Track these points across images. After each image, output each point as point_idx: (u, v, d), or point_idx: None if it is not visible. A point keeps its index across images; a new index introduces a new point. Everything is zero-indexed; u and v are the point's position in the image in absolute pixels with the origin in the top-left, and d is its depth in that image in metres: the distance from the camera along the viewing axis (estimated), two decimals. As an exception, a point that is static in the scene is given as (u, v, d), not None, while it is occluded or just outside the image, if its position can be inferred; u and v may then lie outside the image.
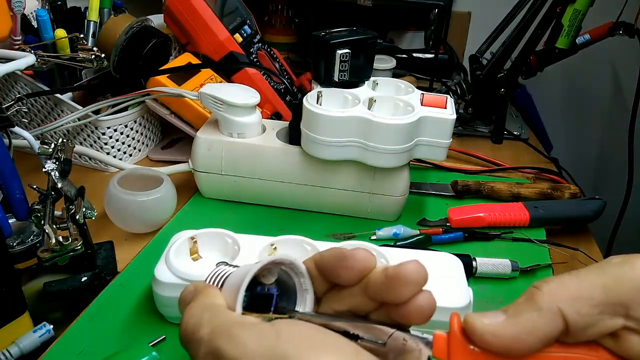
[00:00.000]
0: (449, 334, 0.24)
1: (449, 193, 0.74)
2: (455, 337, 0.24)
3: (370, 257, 0.27)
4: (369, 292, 0.27)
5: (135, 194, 0.59)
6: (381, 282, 0.26)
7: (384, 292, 0.26)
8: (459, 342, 0.24)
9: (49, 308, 0.52)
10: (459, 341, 0.24)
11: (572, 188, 0.73)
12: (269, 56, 0.87)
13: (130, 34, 0.74)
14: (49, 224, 0.49)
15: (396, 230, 0.63)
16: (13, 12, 0.69)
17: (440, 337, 0.25)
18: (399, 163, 0.61)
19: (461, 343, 0.24)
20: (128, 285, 0.53)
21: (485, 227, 0.65)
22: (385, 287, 0.25)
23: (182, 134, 0.78)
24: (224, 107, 0.64)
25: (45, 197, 0.51)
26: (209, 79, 0.78)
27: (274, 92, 0.83)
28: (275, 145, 0.65)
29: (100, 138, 0.76)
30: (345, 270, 0.27)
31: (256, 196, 0.68)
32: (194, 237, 0.50)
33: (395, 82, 0.69)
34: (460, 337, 0.24)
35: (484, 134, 0.98)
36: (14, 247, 0.57)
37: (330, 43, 0.63)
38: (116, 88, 0.79)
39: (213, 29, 0.79)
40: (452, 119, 0.61)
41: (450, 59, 1.20)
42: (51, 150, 0.53)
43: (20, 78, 0.75)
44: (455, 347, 0.24)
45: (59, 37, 0.74)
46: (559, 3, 0.86)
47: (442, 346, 0.24)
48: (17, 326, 0.45)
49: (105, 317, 0.49)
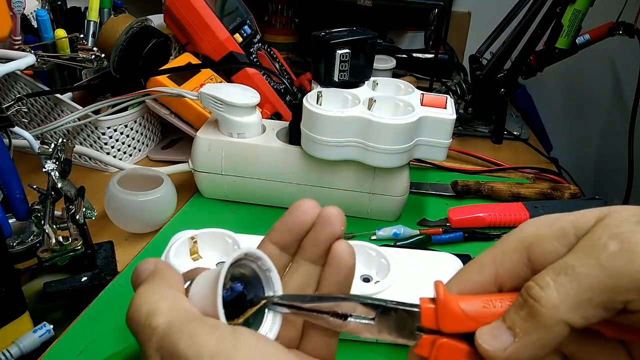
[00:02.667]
0: (436, 303, 0.25)
1: (449, 193, 0.74)
2: (442, 305, 0.25)
3: (314, 203, 0.30)
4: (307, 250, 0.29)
5: (135, 194, 0.59)
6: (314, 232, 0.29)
7: (312, 236, 0.29)
8: (446, 310, 0.25)
9: (49, 308, 0.52)
10: (446, 309, 0.25)
11: (572, 188, 0.73)
12: (269, 56, 0.87)
13: (131, 34, 0.74)
14: (49, 224, 0.49)
15: (396, 230, 0.63)
16: (13, 12, 0.69)
17: (428, 309, 0.25)
18: (399, 163, 0.61)
19: (448, 311, 0.25)
20: (128, 285, 0.53)
21: (485, 228, 0.65)
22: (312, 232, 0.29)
23: (182, 134, 0.78)
24: (224, 107, 0.64)
25: (45, 197, 0.51)
26: (208, 79, 0.78)
27: (274, 92, 0.83)
28: (275, 145, 0.65)
29: (100, 138, 0.76)
30: (298, 220, 0.30)
31: (256, 196, 0.68)
32: (194, 237, 0.50)
33: (395, 82, 0.69)
34: (446, 304, 0.25)
35: (483, 134, 0.98)
36: (14, 247, 0.56)
37: (330, 43, 0.63)
38: (116, 88, 0.79)
39: (213, 29, 0.79)
40: (452, 119, 0.61)
41: (450, 59, 1.20)
42: (51, 150, 0.53)
43: (20, 78, 0.75)
44: (443, 314, 0.25)
45: (59, 37, 0.74)
46: (559, 3, 0.86)
47: (430, 315, 0.25)
48: (17, 326, 0.45)
49: (105, 318, 0.49)
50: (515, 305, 0.24)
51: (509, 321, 0.24)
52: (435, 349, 0.25)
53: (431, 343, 0.25)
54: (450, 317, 0.25)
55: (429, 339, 0.25)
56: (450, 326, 0.25)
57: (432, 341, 0.25)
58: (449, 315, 0.25)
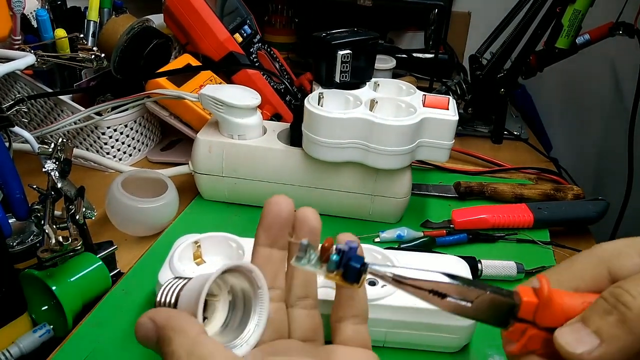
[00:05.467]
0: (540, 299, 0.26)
1: (452, 194, 0.74)
2: (545, 302, 0.26)
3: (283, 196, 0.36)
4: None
5: (138, 200, 0.58)
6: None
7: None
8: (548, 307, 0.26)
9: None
10: (548, 306, 0.26)
11: (575, 189, 0.72)
12: (269, 56, 0.87)
13: (132, 35, 0.74)
14: (49, 224, 0.49)
15: (400, 232, 0.63)
16: (13, 12, 0.69)
17: (529, 303, 0.26)
18: (401, 165, 0.61)
19: (550, 308, 0.26)
20: (131, 290, 0.53)
21: (489, 229, 0.65)
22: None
23: (181, 135, 0.78)
24: (224, 109, 0.64)
25: (45, 197, 0.51)
26: (208, 79, 0.78)
27: (274, 93, 0.83)
28: (277, 147, 0.65)
29: (100, 138, 0.75)
30: (275, 214, 0.36)
31: (257, 198, 0.68)
32: (198, 241, 0.50)
33: (397, 83, 0.69)
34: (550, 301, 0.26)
35: (483, 134, 0.98)
36: (14, 247, 0.56)
37: (331, 44, 0.62)
38: (116, 88, 0.78)
39: (213, 29, 0.79)
40: (455, 120, 0.61)
41: (450, 59, 1.20)
42: (51, 150, 0.53)
43: (20, 78, 0.75)
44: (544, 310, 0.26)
45: (59, 37, 0.74)
46: (559, 3, 0.86)
47: (530, 308, 0.26)
48: (17, 326, 0.45)
49: (109, 323, 0.48)
50: (600, 311, 0.25)
51: (593, 326, 0.25)
52: (525, 337, 0.27)
53: (522, 331, 0.27)
54: (550, 315, 0.26)
55: (521, 327, 0.27)
56: (547, 322, 0.26)
57: (523, 329, 0.27)
58: (550, 312, 0.26)
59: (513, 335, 0.27)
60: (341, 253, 0.30)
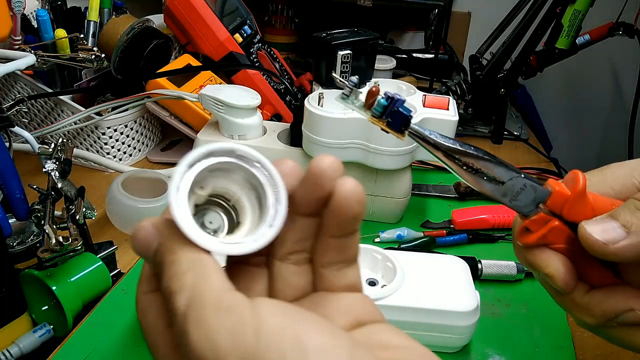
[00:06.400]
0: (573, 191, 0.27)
1: (452, 195, 0.74)
2: (578, 195, 0.26)
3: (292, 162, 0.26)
4: (300, 207, 0.25)
5: (139, 200, 0.58)
6: (304, 187, 0.25)
7: (310, 192, 0.24)
8: (580, 201, 0.27)
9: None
10: (580, 200, 0.27)
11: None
12: (269, 56, 0.87)
13: (132, 35, 0.74)
14: (49, 224, 0.49)
15: (400, 232, 0.63)
16: (13, 12, 0.69)
17: (560, 193, 0.27)
18: (401, 165, 0.61)
19: (582, 202, 0.27)
20: (131, 290, 0.53)
21: (489, 229, 0.65)
22: (308, 188, 0.24)
23: (181, 135, 0.78)
24: (224, 109, 0.64)
25: (45, 197, 0.51)
26: (208, 79, 0.78)
27: (274, 93, 0.83)
28: (277, 147, 0.65)
29: (100, 138, 0.75)
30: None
31: (257, 197, 0.68)
32: None
33: (397, 83, 0.69)
34: (582, 195, 0.27)
35: (483, 134, 0.98)
36: (14, 247, 0.56)
37: (331, 44, 0.62)
38: (116, 88, 0.78)
39: (213, 29, 0.79)
40: (455, 120, 0.61)
41: (450, 59, 1.20)
42: (51, 150, 0.53)
43: (20, 78, 0.75)
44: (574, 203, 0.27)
45: (59, 37, 0.74)
46: (559, 3, 0.86)
47: (560, 199, 0.27)
48: (17, 326, 0.45)
49: (109, 323, 0.49)
50: (632, 207, 0.26)
51: (622, 219, 0.26)
52: (546, 228, 0.27)
53: (544, 222, 0.27)
54: (580, 209, 0.27)
55: (544, 218, 0.27)
56: (575, 216, 0.27)
57: (546, 220, 0.27)
58: (580, 207, 0.26)
59: (534, 225, 0.27)
60: (390, 99, 0.29)
